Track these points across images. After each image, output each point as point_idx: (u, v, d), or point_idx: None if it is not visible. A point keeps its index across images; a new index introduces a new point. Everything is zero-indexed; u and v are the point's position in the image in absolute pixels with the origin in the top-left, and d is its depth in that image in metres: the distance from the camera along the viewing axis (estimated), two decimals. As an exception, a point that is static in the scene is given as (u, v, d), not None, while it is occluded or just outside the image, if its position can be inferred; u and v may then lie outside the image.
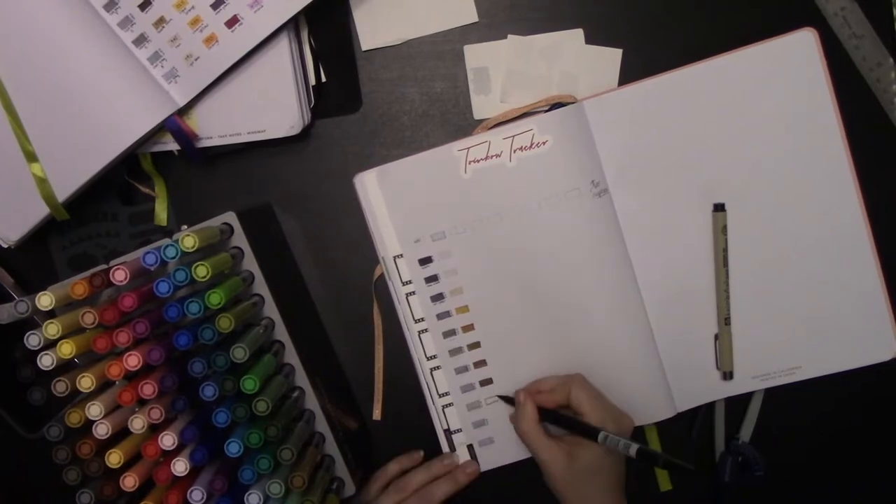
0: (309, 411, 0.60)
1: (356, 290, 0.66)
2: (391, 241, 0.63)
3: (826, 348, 0.62)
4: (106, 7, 0.59)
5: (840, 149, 0.60)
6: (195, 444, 0.52)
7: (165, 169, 0.65)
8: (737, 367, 0.63)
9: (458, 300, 0.63)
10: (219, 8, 0.59)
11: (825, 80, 0.60)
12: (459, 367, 0.64)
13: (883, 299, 0.61)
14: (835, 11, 0.62)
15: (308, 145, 0.65)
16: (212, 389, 0.51)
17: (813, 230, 0.61)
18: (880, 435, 0.67)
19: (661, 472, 0.67)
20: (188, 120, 0.61)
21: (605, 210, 0.62)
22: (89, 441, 0.53)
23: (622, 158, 0.61)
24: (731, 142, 0.61)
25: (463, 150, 0.62)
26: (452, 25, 0.64)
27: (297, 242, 0.66)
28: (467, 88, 0.64)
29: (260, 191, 0.66)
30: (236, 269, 0.58)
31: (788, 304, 0.62)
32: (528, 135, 0.61)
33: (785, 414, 0.66)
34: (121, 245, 0.66)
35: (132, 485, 0.51)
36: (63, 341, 0.50)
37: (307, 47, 0.62)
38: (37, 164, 0.60)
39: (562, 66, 0.63)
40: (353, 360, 0.67)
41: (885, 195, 0.62)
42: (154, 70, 0.60)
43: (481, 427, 0.64)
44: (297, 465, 0.54)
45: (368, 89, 0.65)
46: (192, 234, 0.50)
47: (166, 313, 0.50)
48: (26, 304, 0.50)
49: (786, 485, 0.67)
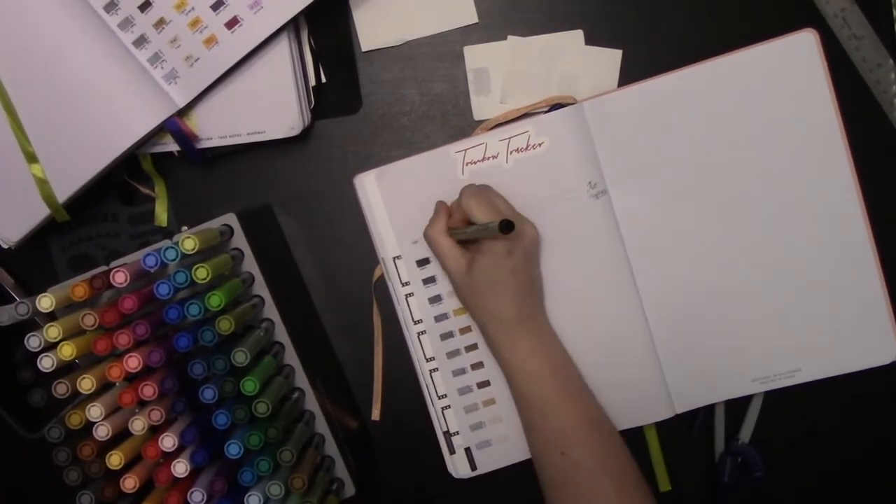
0: (309, 412, 0.60)
1: (356, 291, 0.66)
2: (390, 241, 0.63)
3: (826, 351, 0.62)
4: (106, 8, 0.59)
5: (840, 150, 0.60)
6: (195, 446, 0.52)
7: (165, 170, 0.65)
8: (737, 368, 0.63)
9: (455, 302, 0.63)
10: (219, 9, 0.59)
11: (825, 81, 0.59)
12: (457, 369, 0.64)
13: (883, 302, 0.61)
14: (835, 12, 0.62)
15: (308, 146, 0.65)
16: (211, 392, 0.51)
17: (813, 231, 0.61)
18: (880, 436, 0.67)
19: (661, 473, 0.67)
20: (188, 121, 0.61)
21: (603, 211, 0.61)
22: (90, 442, 0.53)
23: (622, 160, 0.61)
24: (732, 143, 0.61)
25: (460, 152, 0.62)
26: (452, 26, 0.64)
27: (297, 243, 0.66)
28: (467, 89, 0.64)
29: (260, 192, 0.66)
30: (236, 271, 0.58)
31: (788, 307, 0.62)
32: (524, 136, 0.61)
33: (785, 415, 0.66)
34: (121, 246, 0.66)
35: (132, 486, 0.51)
36: (63, 343, 0.50)
37: (307, 48, 0.62)
38: (37, 165, 0.60)
39: (562, 66, 0.63)
40: (352, 361, 0.67)
41: (886, 196, 0.61)
42: (154, 71, 0.60)
43: (478, 430, 0.64)
44: (296, 467, 0.54)
45: (368, 90, 0.65)
46: (192, 236, 0.51)
47: (166, 315, 0.51)
48: (27, 306, 0.51)
49: (785, 485, 0.67)
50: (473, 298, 0.58)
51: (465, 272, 0.57)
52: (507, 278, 0.56)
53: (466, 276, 0.57)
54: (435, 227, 0.58)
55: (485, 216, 0.56)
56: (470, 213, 0.56)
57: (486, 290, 0.57)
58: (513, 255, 0.56)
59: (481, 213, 0.56)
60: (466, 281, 0.57)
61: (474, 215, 0.56)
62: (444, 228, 0.58)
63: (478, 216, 0.56)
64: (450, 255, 0.57)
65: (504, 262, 0.56)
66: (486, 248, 0.56)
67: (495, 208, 0.57)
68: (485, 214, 0.56)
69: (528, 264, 0.58)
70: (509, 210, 0.58)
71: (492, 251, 0.56)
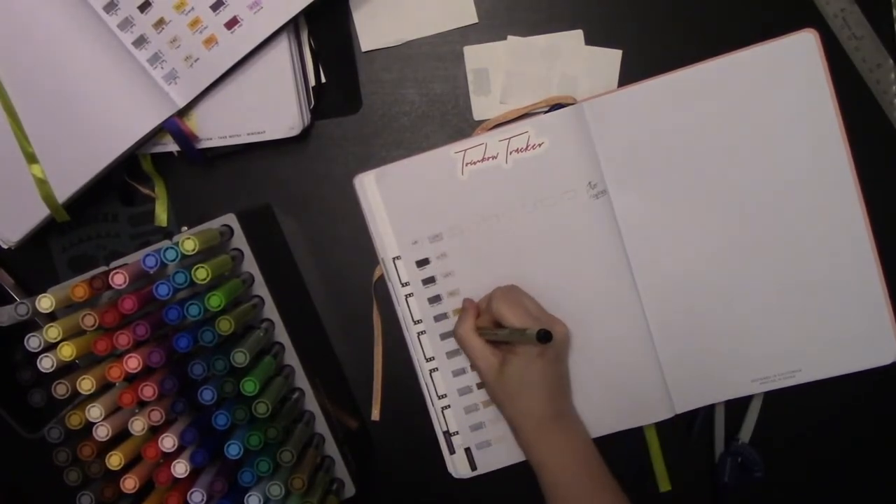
0: (309, 412, 0.60)
1: (356, 292, 0.66)
2: (390, 242, 0.63)
3: (826, 351, 0.62)
4: (106, 8, 0.59)
5: (840, 150, 0.60)
6: (195, 446, 0.52)
7: (165, 170, 0.65)
8: (737, 368, 0.63)
9: (455, 302, 0.63)
10: (218, 9, 0.59)
11: (826, 82, 0.59)
12: (457, 369, 0.64)
13: (884, 302, 0.61)
14: (835, 13, 0.62)
15: (308, 146, 0.65)
16: (210, 393, 0.51)
17: (813, 232, 0.61)
18: (880, 437, 0.67)
19: (661, 472, 0.67)
20: (188, 121, 0.61)
21: (602, 211, 0.61)
22: (90, 443, 0.53)
23: (622, 160, 0.61)
24: (732, 143, 0.60)
25: (460, 152, 0.62)
26: (452, 26, 0.64)
27: (297, 244, 0.66)
28: (467, 89, 0.64)
29: (260, 192, 0.66)
30: (236, 271, 0.58)
31: (788, 307, 0.62)
32: (524, 137, 0.61)
33: (785, 415, 0.66)
34: (121, 246, 0.66)
35: (132, 486, 0.51)
36: (63, 343, 0.50)
37: (307, 48, 0.62)
38: (37, 166, 0.60)
39: (561, 67, 0.63)
40: (352, 361, 0.67)
41: (886, 196, 0.61)
42: (154, 71, 0.60)
43: (478, 430, 0.64)
44: (296, 467, 0.54)
45: (368, 90, 0.65)
46: (192, 237, 0.51)
47: (166, 315, 0.51)
48: (27, 307, 0.51)
49: (785, 486, 0.67)
50: (505, 397, 0.58)
51: (497, 372, 0.58)
52: (539, 379, 0.57)
53: (498, 376, 0.58)
54: (464, 325, 0.59)
55: (517, 321, 0.57)
56: (501, 318, 0.58)
57: (518, 390, 0.57)
58: (545, 356, 0.57)
59: (514, 317, 0.57)
60: (498, 381, 0.58)
61: (507, 320, 0.57)
62: (474, 327, 0.59)
63: (511, 321, 0.57)
64: (481, 356, 0.58)
65: (537, 363, 0.57)
66: (519, 350, 0.57)
67: (526, 312, 0.58)
68: (517, 319, 0.57)
69: (559, 364, 0.59)
70: (539, 311, 0.60)
71: (524, 354, 0.57)
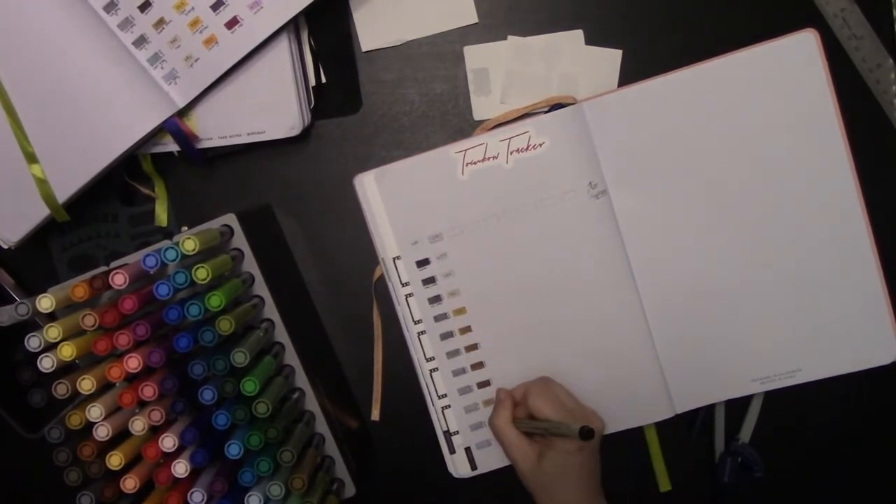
0: (309, 412, 0.60)
1: (356, 291, 0.66)
2: (390, 242, 0.63)
3: (826, 351, 0.62)
4: (106, 8, 0.59)
5: (840, 150, 0.60)
6: (195, 446, 0.52)
7: (165, 170, 0.65)
8: (737, 368, 0.63)
9: (455, 302, 0.63)
10: (219, 9, 0.59)
11: (826, 82, 0.59)
12: (457, 369, 0.64)
13: (884, 302, 0.61)
14: (835, 13, 0.62)
15: (308, 146, 0.65)
16: (210, 393, 0.51)
17: (813, 231, 0.61)
18: (880, 437, 0.67)
19: (661, 472, 0.67)
20: (188, 121, 0.61)
21: (603, 211, 0.61)
22: (90, 443, 0.53)
23: (622, 160, 0.61)
24: (732, 143, 0.61)
25: (460, 152, 0.62)
26: (452, 26, 0.64)
27: (297, 244, 0.66)
28: (467, 89, 0.64)
29: (260, 192, 0.66)
30: (236, 271, 0.58)
31: (788, 307, 0.62)
32: (525, 137, 0.61)
33: (785, 415, 0.66)
34: (121, 246, 0.66)
35: (133, 486, 0.51)
36: (63, 343, 0.50)
37: (307, 48, 0.62)
38: (37, 166, 0.60)
39: (561, 67, 0.63)
40: (352, 361, 0.67)
41: (886, 196, 0.61)
42: (154, 71, 0.60)
43: (479, 430, 0.64)
44: (297, 467, 0.54)
45: (368, 90, 0.65)
46: (192, 237, 0.51)
47: (166, 315, 0.51)
48: (27, 307, 0.51)
49: (785, 486, 0.67)
50: (540, 489, 0.59)
51: (534, 465, 0.58)
52: (576, 472, 0.58)
53: (535, 468, 0.58)
54: (500, 417, 0.60)
55: (555, 415, 0.58)
56: (538, 412, 0.58)
57: (555, 482, 0.58)
58: (583, 451, 0.57)
59: (551, 412, 0.58)
60: (535, 473, 0.58)
61: (543, 414, 0.58)
62: (510, 419, 0.60)
63: (548, 415, 0.58)
64: (518, 449, 0.59)
65: (575, 458, 0.57)
66: (556, 444, 0.57)
67: (562, 406, 0.59)
68: (554, 413, 0.58)
69: (594, 457, 0.59)
70: (574, 404, 0.60)
71: (562, 448, 0.57)
